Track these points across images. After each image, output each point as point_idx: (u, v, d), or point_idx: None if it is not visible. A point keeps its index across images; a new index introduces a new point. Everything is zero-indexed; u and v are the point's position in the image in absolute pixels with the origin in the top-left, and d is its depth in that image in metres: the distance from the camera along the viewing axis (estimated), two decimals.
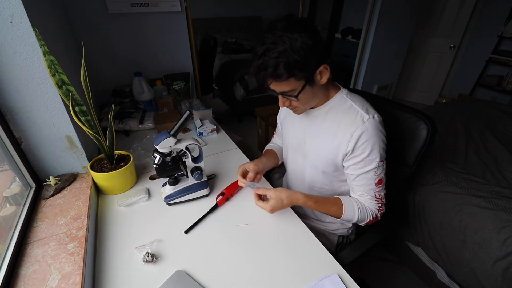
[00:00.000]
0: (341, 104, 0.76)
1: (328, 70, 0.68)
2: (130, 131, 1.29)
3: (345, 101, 0.76)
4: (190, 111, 0.74)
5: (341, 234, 0.95)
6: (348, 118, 0.73)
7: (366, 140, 0.70)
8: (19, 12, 0.64)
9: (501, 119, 1.84)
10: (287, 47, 0.60)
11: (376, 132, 0.70)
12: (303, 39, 0.60)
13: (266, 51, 0.62)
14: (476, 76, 3.14)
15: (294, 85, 0.66)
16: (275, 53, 0.60)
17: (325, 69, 0.67)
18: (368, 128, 0.70)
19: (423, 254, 1.29)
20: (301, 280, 0.63)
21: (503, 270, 0.96)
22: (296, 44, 0.60)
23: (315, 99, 0.75)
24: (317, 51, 0.64)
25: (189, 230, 0.75)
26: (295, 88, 0.67)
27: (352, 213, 0.76)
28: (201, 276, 0.63)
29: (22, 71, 0.69)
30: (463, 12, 3.04)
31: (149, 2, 1.43)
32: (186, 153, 0.82)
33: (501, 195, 1.13)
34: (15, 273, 0.56)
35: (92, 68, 1.33)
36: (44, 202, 0.76)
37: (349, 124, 0.72)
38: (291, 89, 0.67)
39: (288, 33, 0.60)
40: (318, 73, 0.67)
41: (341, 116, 0.74)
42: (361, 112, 0.72)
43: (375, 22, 2.68)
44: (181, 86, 1.60)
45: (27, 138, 0.77)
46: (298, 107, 0.74)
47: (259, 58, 0.63)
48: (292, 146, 0.91)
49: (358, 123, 0.70)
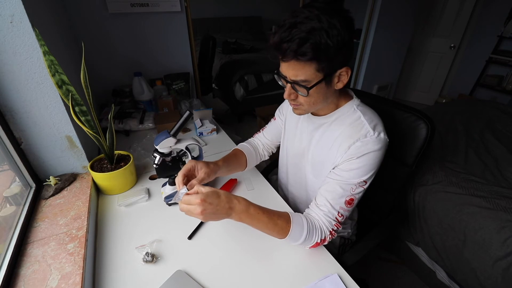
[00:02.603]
0: (349, 115, 0.70)
1: (348, 75, 0.62)
2: (130, 131, 1.29)
3: (354, 112, 0.70)
4: (190, 111, 0.74)
5: (342, 236, 0.94)
6: (351, 129, 0.68)
7: (361, 155, 0.65)
8: (19, 12, 0.64)
9: (501, 119, 1.84)
10: (324, 26, 0.53)
11: (374, 151, 0.65)
12: (341, 29, 0.54)
13: (297, 23, 0.54)
14: (476, 76, 3.14)
15: (311, 74, 0.59)
16: (308, 27, 0.53)
17: (345, 73, 0.62)
18: (369, 143, 0.64)
19: (423, 254, 1.29)
20: (301, 280, 0.63)
21: (503, 270, 0.96)
22: (333, 30, 0.53)
23: (324, 102, 0.68)
24: (347, 49, 0.58)
25: (192, 236, 0.74)
26: (311, 79, 0.59)
27: (300, 231, 0.63)
28: (201, 276, 0.63)
29: (22, 71, 0.69)
30: (463, 12, 3.04)
31: (149, 2, 1.43)
32: (186, 153, 0.82)
33: (501, 195, 1.13)
34: (15, 273, 0.56)
35: (92, 68, 1.34)
36: (44, 202, 0.76)
37: (349, 136, 0.67)
38: (306, 78, 0.59)
39: (327, 15, 0.53)
40: (338, 75, 0.62)
41: (345, 126, 0.69)
42: (367, 126, 0.66)
43: (375, 22, 2.68)
44: (181, 86, 1.60)
45: (27, 138, 0.77)
46: (302, 105, 0.67)
47: (286, 29, 0.55)
48: (295, 152, 0.85)
49: (360, 137, 0.65)
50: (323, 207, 0.67)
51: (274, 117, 0.97)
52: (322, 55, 0.55)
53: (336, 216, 0.67)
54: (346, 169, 0.67)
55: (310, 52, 0.54)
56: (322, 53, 0.55)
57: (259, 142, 0.99)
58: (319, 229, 0.66)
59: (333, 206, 0.67)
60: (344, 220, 0.69)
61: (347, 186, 0.66)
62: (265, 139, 0.98)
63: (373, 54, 2.88)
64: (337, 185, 0.67)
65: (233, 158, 0.88)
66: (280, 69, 0.63)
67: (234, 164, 0.87)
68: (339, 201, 0.67)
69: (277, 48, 0.58)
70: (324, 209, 0.67)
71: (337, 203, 0.67)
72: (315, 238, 0.65)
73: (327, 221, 0.67)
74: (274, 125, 0.96)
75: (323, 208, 0.67)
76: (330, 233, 0.67)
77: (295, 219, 0.65)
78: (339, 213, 0.67)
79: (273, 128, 0.96)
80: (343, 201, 0.67)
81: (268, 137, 0.97)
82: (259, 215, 0.61)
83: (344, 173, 0.67)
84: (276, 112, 0.96)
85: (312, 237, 0.65)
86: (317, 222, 0.67)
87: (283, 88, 0.68)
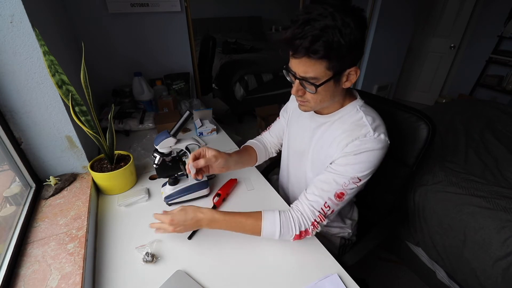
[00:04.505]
0: (352, 115, 0.70)
1: (356, 75, 0.62)
2: (130, 131, 1.29)
3: (356, 113, 0.70)
4: (190, 111, 0.74)
5: (342, 236, 0.94)
6: (352, 129, 0.67)
7: (359, 153, 0.64)
8: (19, 12, 0.64)
9: (501, 119, 1.84)
10: (338, 24, 0.53)
11: (373, 150, 0.64)
12: (354, 28, 0.54)
13: (310, 20, 0.54)
14: (476, 76, 3.14)
15: (321, 72, 0.58)
16: (321, 25, 0.53)
17: (354, 73, 0.61)
18: (367, 143, 0.64)
19: (423, 254, 1.29)
20: (301, 280, 0.63)
21: (503, 270, 0.96)
22: (347, 29, 0.53)
23: (330, 101, 0.68)
24: (358, 49, 0.58)
25: (192, 236, 0.74)
26: (320, 77, 0.59)
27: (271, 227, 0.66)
28: (201, 276, 0.63)
29: (22, 71, 0.69)
30: (463, 12, 3.04)
31: (149, 2, 1.43)
32: (186, 153, 0.82)
33: (501, 195, 1.13)
34: (15, 273, 0.56)
35: (92, 68, 1.33)
36: (44, 202, 0.76)
37: (349, 134, 0.67)
38: (316, 76, 0.59)
39: (341, 13, 0.53)
40: (346, 74, 0.61)
41: (347, 126, 0.69)
42: (368, 127, 0.66)
43: (375, 22, 2.68)
44: (181, 86, 1.60)
45: (27, 138, 0.77)
46: (309, 102, 0.67)
47: (299, 26, 0.54)
48: (296, 151, 0.86)
49: (360, 136, 0.65)
50: (310, 196, 0.67)
51: (279, 116, 0.99)
52: (334, 53, 0.55)
53: (321, 207, 0.66)
54: (342, 163, 0.66)
55: (322, 50, 0.54)
56: (334, 52, 0.55)
57: (267, 140, 1.01)
58: (296, 220, 0.66)
59: (321, 195, 0.66)
60: (331, 214, 0.68)
61: (340, 179, 0.66)
62: (271, 137, 1.00)
63: (373, 54, 2.88)
64: (330, 176, 0.67)
65: (244, 152, 0.90)
66: (290, 65, 0.63)
67: (245, 157, 0.89)
68: (329, 192, 0.66)
69: (289, 44, 0.57)
70: (311, 198, 0.67)
71: (326, 193, 0.66)
72: (292, 230, 0.66)
73: (310, 211, 0.66)
74: (279, 124, 0.98)
75: (309, 197, 0.67)
76: (312, 224, 0.67)
77: (266, 216, 0.67)
78: (326, 204, 0.66)
79: (278, 127, 0.98)
80: (333, 194, 0.66)
81: (273, 136, 0.99)
82: (225, 221, 0.67)
83: (339, 167, 0.66)
84: (281, 111, 0.97)
85: (288, 230, 0.66)
86: (295, 214, 0.67)
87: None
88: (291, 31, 0.56)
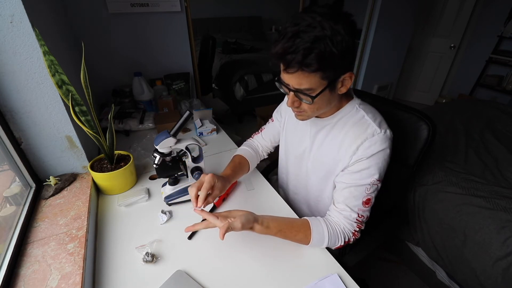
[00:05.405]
0: (352, 114, 0.70)
1: (351, 80, 0.61)
2: (130, 131, 1.29)
3: (356, 112, 0.70)
4: (190, 111, 0.74)
5: None
6: (357, 129, 0.68)
7: (371, 155, 0.65)
8: (19, 12, 0.64)
9: (501, 119, 1.84)
10: (327, 34, 0.51)
11: (383, 149, 0.66)
12: (345, 34, 0.52)
13: (300, 32, 0.52)
14: (476, 76, 3.14)
15: (315, 83, 0.57)
16: (311, 37, 0.51)
17: (349, 78, 0.61)
18: (377, 142, 0.65)
19: (423, 254, 1.29)
20: (301, 280, 0.63)
21: (503, 270, 0.96)
22: (337, 36, 0.52)
23: (327, 107, 0.68)
24: (351, 54, 0.58)
25: (192, 236, 0.74)
26: (315, 88, 0.58)
27: (320, 240, 0.67)
28: (201, 276, 0.63)
29: (22, 71, 0.69)
30: (463, 12, 3.04)
31: (149, 2, 1.43)
32: (186, 153, 0.82)
33: (501, 195, 1.13)
34: (15, 273, 0.56)
35: (92, 68, 1.33)
36: (44, 202, 0.76)
37: (357, 136, 0.67)
38: (310, 87, 0.58)
39: (330, 21, 0.51)
40: (341, 80, 0.61)
41: (350, 126, 0.69)
42: (372, 125, 0.66)
43: (375, 22, 2.68)
44: (181, 86, 1.60)
45: (27, 138, 0.77)
46: (306, 111, 0.66)
47: (289, 39, 0.53)
48: (295, 154, 0.85)
49: (368, 136, 0.65)
50: (343, 212, 0.69)
51: (271, 119, 0.97)
52: (327, 63, 0.54)
53: (356, 218, 0.69)
54: (357, 170, 0.67)
55: (315, 63, 0.53)
56: (327, 62, 0.54)
57: (258, 144, 0.99)
58: (341, 233, 0.69)
59: (352, 209, 0.69)
60: (366, 219, 0.72)
61: (361, 188, 0.68)
62: (263, 141, 0.99)
63: (373, 54, 2.88)
64: (352, 188, 0.68)
65: (238, 167, 0.88)
66: (282, 77, 0.61)
67: (240, 173, 0.89)
68: (357, 203, 0.69)
69: (280, 58, 0.56)
70: (344, 213, 0.69)
71: (355, 205, 0.69)
72: (338, 242, 0.69)
73: (348, 224, 0.69)
74: (272, 127, 0.96)
75: (343, 212, 0.69)
76: (353, 234, 0.71)
77: (315, 229, 0.67)
78: (359, 215, 0.69)
79: (271, 129, 0.97)
80: (360, 203, 0.69)
81: (267, 139, 0.98)
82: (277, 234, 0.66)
83: (355, 174, 0.68)
84: (274, 113, 0.96)
85: (334, 242, 0.69)
86: (338, 227, 0.69)
87: None
88: (281, 45, 0.54)
